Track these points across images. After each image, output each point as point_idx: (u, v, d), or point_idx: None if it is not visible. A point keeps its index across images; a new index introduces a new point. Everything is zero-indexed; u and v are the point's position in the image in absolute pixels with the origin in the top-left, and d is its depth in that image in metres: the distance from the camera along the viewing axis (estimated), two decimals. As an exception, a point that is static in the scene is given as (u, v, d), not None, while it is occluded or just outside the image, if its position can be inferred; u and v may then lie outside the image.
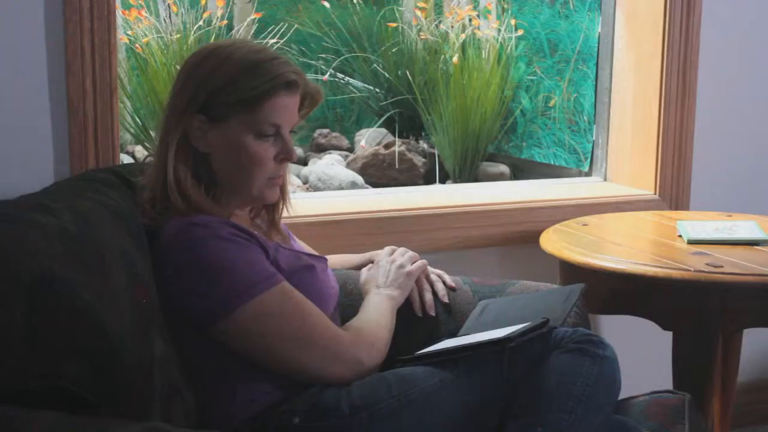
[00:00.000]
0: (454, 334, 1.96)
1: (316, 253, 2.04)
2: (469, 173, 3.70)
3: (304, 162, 3.89)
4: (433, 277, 2.08)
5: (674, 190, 2.93)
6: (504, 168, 3.74)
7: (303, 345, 1.73)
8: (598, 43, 3.14)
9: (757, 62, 3.03)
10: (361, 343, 1.79)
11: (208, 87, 1.77)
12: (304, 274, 1.84)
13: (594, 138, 3.18)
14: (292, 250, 1.90)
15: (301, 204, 2.64)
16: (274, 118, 1.79)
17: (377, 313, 1.90)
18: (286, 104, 1.80)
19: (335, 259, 2.18)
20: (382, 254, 2.10)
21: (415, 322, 2.04)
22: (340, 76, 4.13)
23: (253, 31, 3.65)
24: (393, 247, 2.11)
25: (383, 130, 4.00)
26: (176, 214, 1.77)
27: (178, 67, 1.96)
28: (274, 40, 3.59)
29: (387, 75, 4.01)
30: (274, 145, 1.81)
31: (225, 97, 1.77)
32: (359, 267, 2.14)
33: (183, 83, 1.81)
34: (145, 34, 3.43)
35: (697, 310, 2.24)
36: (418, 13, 3.89)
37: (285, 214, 1.97)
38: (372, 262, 2.12)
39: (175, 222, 1.76)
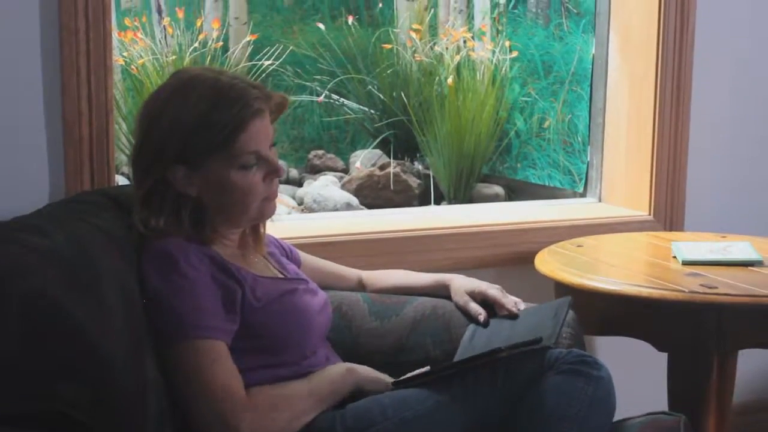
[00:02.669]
0: (450, 357, 1.95)
1: (304, 276, 2.00)
2: (463, 194, 3.70)
3: (299, 183, 3.90)
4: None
5: (668, 211, 2.93)
6: (499, 189, 3.74)
7: (201, 398, 1.66)
8: (592, 65, 3.15)
9: (751, 83, 3.04)
10: (248, 411, 1.66)
11: (176, 137, 1.75)
12: (284, 298, 1.83)
13: (588, 159, 3.18)
14: (273, 278, 1.88)
15: (297, 225, 2.65)
16: (251, 146, 1.77)
17: (314, 384, 1.79)
18: (258, 129, 1.78)
19: (400, 279, 2.19)
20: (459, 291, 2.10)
21: (407, 347, 2.04)
22: (335, 97, 4.13)
23: (248, 53, 3.66)
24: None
25: (378, 152, 4.00)
26: (161, 237, 1.77)
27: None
28: (269, 62, 3.60)
29: (382, 96, 4.02)
30: (260, 169, 1.80)
31: (196, 146, 1.75)
32: (427, 290, 2.14)
33: (148, 129, 1.79)
34: (141, 56, 3.44)
35: (691, 331, 2.23)
36: (413, 34, 3.90)
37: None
38: (445, 286, 2.12)
39: (157, 242, 1.75)
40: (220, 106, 1.74)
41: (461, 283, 2.11)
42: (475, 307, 2.04)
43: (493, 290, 2.06)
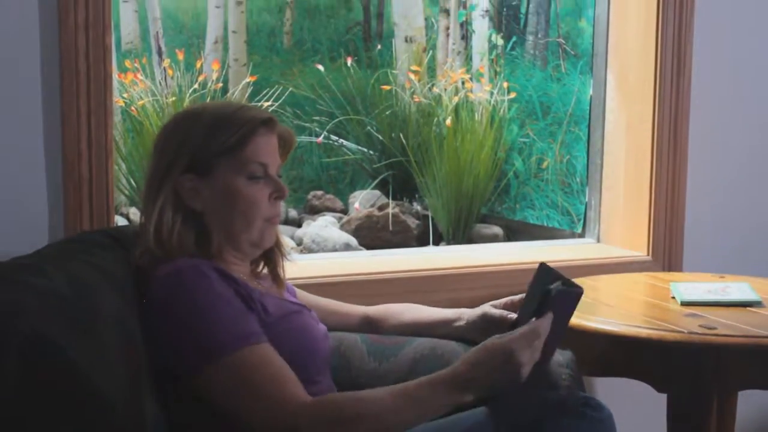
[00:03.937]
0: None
1: (302, 303, 1.99)
2: (462, 235, 3.71)
3: (298, 224, 3.90)
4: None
5: (667, 252, 2.94)
6: (497, 230, 3.75)
7: (256, 412, 1.64)
8: (590, 106, 3.16)
9: (748, 124, 3.05)
10: (312, 415, 1.63)
11: (189, 145, 1.80)
12: (292, 317, 1.84)
13: (587, 199, 3.19)
14: (278, 297, 1.89)
15: (295, 266, 2.64)
16: (260, 156, 1.82)
17: (408, 393, 1.69)
18: (268, 142, 1.84)
19: (416, 315, 2.14)
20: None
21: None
22: (334, 138, 4.15)
23: (248, 94, 3.68)
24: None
25: (377, 192, 4.02)
26: (165, 261, 1.76)
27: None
28: (269, 103, 3.62)
29: (381, 137, 4.04)
30: (266, 185, 1.83)
31: (208, 149, 1.80)
32: (440, 322, 2.10)
33: (163, 147, 1.83)
34: (141, 97, 3.46)
35: (691, 371, 2.23)
36: (412, 76, 3.92)
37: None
38: (459, 314, 2.07)
39: (164, 268, 1.74)
40: (233, 117, 1.82)
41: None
42: (499, 312, 2.01)
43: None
